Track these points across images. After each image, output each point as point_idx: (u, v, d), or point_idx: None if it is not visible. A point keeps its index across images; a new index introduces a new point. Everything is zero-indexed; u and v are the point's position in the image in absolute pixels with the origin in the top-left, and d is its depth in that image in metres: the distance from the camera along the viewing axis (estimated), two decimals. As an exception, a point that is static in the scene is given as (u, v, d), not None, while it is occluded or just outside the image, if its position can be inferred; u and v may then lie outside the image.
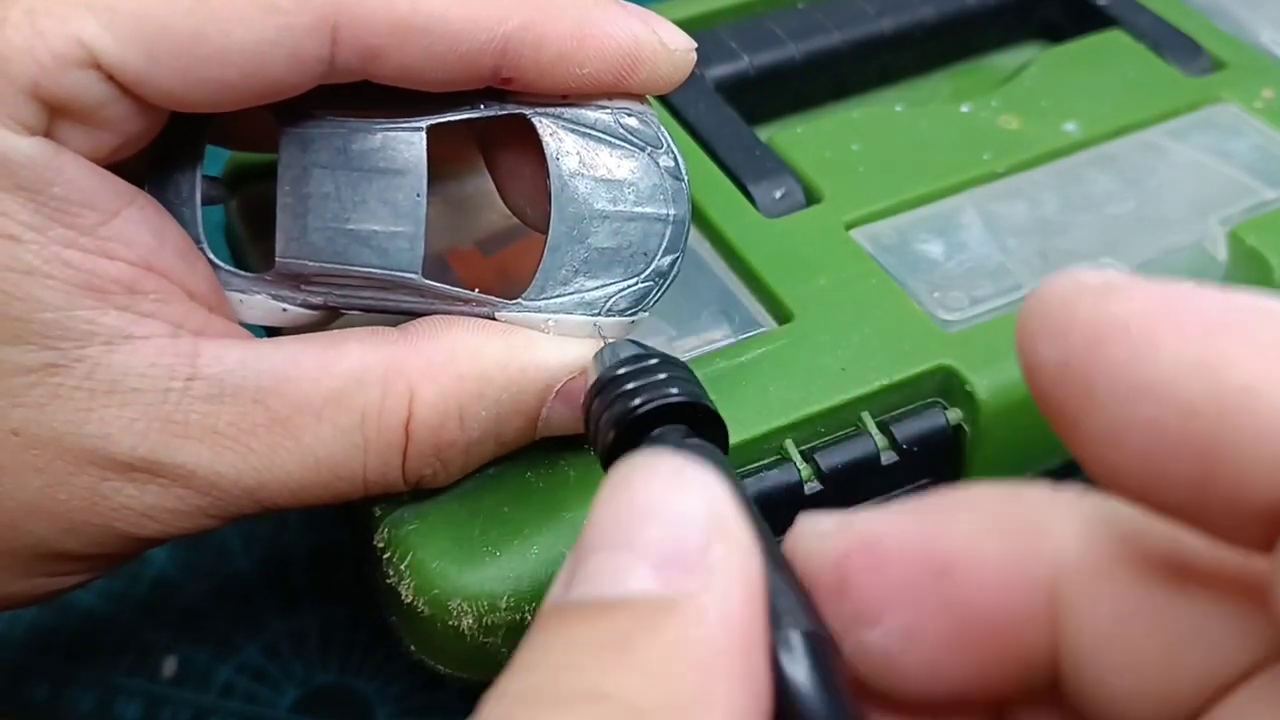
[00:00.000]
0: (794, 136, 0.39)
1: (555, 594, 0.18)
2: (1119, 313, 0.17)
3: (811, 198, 0.38)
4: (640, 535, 0.18)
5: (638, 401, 0.24)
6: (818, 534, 0.20)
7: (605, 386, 0.25)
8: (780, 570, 0.20)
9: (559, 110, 0.29)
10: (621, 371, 0.25)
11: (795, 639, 0.18)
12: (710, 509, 0.18)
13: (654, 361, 0.25)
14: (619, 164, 0.29)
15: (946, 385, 0.33)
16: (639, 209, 0.29)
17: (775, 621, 0.18)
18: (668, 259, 0.29)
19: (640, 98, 0.29)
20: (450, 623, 0.29)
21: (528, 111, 0.29)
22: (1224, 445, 0.16)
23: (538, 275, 0.29)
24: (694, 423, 0.24)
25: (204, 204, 0.30)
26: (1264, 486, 0.16)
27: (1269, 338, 0.16)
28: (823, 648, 0.18)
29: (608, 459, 0.24)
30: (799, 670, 0.18)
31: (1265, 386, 0.16)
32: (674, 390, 0.24)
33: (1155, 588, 0.18)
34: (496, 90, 0.29)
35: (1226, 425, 0.16)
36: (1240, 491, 0.16)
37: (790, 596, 0.19)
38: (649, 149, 0.29)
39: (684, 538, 0.17)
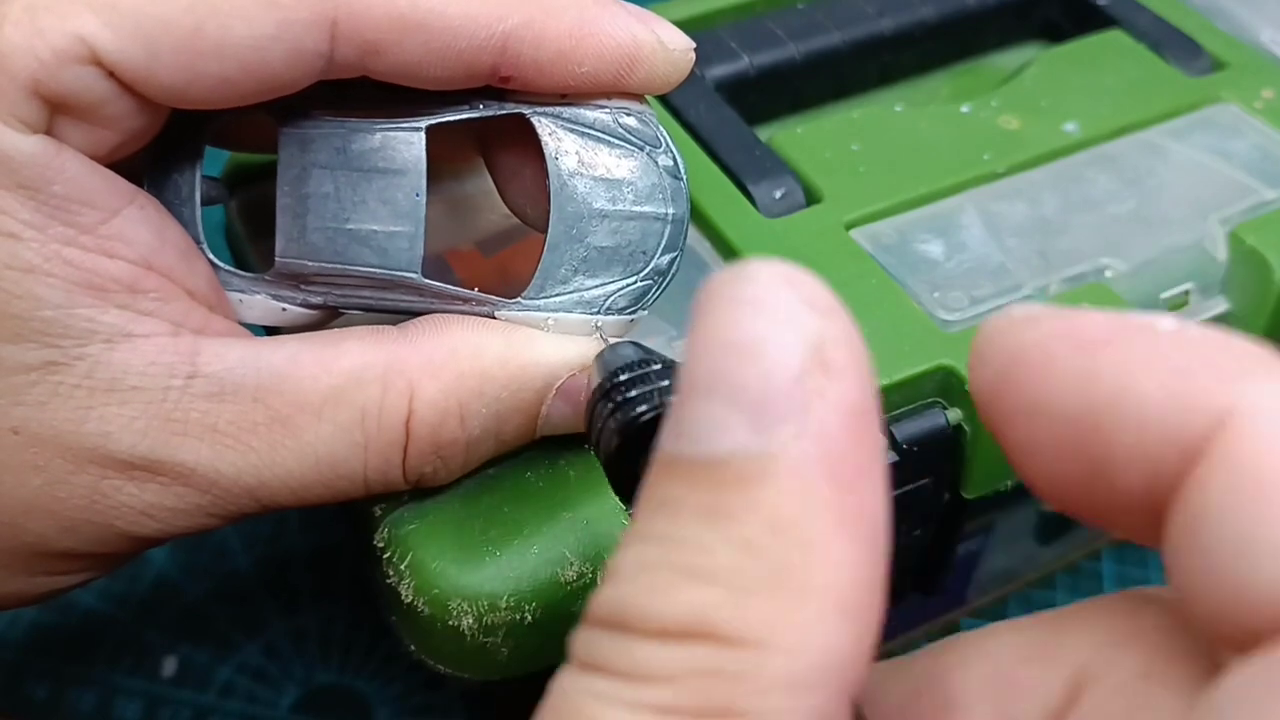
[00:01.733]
0: (794, 136, 0.39)
1: (662, 444, 0.18)
2: (1026, 339, 0.19)
3: (811, 198, 0.38)
4: (730, 376, 0.17)
5: (643, 409, 0.24)
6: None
7: (608, 392, 0.25)
8: None
9: (558, 110, 0.29)
10: (624, 377, 0.25)
11: None
12: (807, 343, 0.17)
13: (657, 367, 0.25)
14: (618, 163, 0.29)
15: (946, 385, 0.33)
16: (638, 208, 0.29)
17: None
18: (666, 258, 0.29)
19: (639, 97, 0.29)
20: (450, 623, 0.29)
21: (526, 111, 0.29)
22: (1101, 445, 0.18)
23: (537, 274, 0.29)
24: None
25: (204, 204, 0.30)
26: (1137, 476, 0.17)
27: (1139, 347, 0.18)
28: None
29: (611, 466, 0.24)
30: None
31: (1132, 388, 0.17)
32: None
33: None
34: (495, 90, 0.29)
35: (1101, 427, 0.18)
36: (1123, 487, 0.18)
37: None
38: (648, 148, 0.29)
39: (775, 379, 0.17)
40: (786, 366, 0.17)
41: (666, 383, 0.25)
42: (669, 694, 0.16)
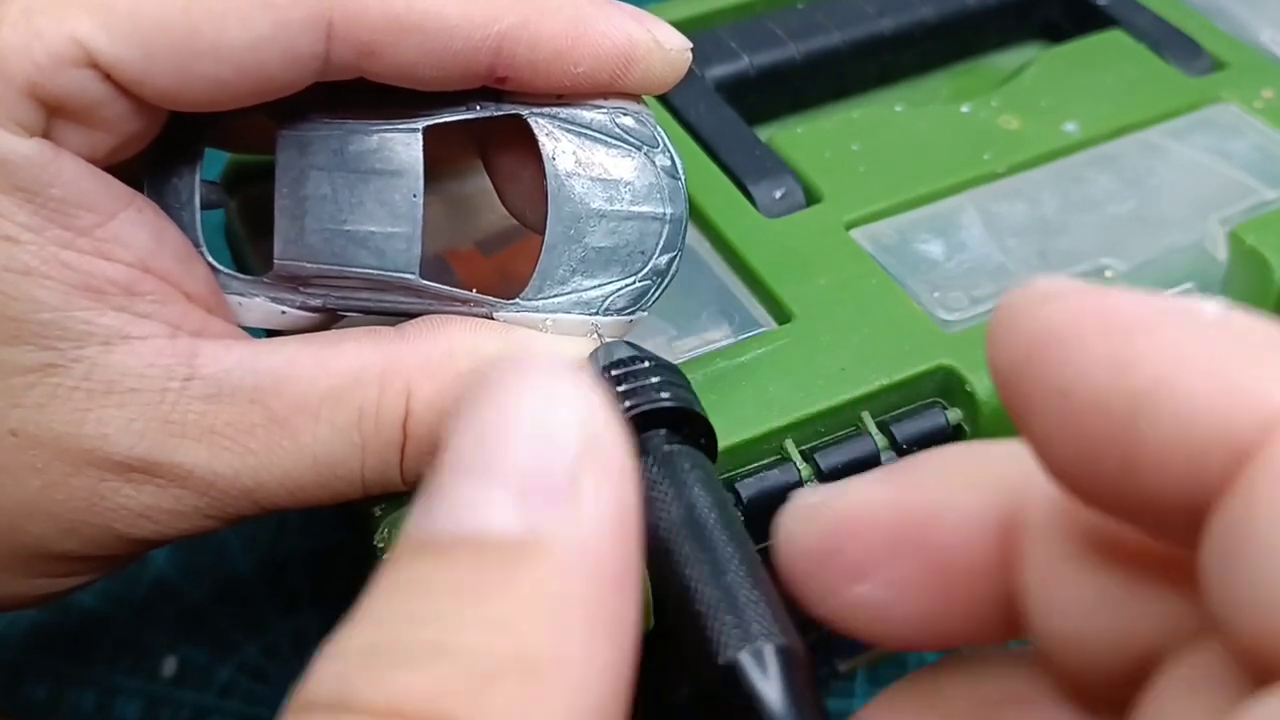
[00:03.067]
0: (794, 136, 0.39)
1: (411, 525, 0.16)
2: (1052, 318, 0.17)
3: (811, 198, 0.38)
4: (502, 458, 0.16)
5: (628, 405, 0.24)
6: (809, 505, 0.20)
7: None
8: (756, 582, 0.20)
9: (555, 110, 0.29)
10: (615, 374, 0.25)
11: (768, 653, 0.18)
12: (583, 428, 0.16)
13: (646, 365, 0.25)
14: (615, 163, 0.29)
15: (946, 385, 0.32)
16: (635, 208, 0.29)
17: (747, 633, 0.19)
18: (665, 258, 0.29)
19: (636, 97, 0.29)
20: (449, 623, 0.29)
21: (523, 111, 0.29)
22: (1137, 439, 0.16)
23: (535, 275, 0.29)
24: (683, 428, 0.24)
25: (203, 208, 0.30)
26: (1176, 478, 0.16)
27: (1181, 335, 0.16)
28: (795, 661, 0.18)
29: None
30: (770, 684, 0.18)
31: (1173, 380, 0.16)
32: (665, 395, 0.24)
33: (1095, 548, 0.18)
34: (492, 91, 0.29)
35: (1137, 420, 0.16)
36: (1156, 486, 0.16)
37: (763, 608, 0.19)
38: (645, 148, 0.29)
39: (550, 464, 0.16)
40: (563, 453, 0.16)
41: (657, 379, 0.25)
42: None
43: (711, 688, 0.18)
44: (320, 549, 0.44)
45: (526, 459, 0.16)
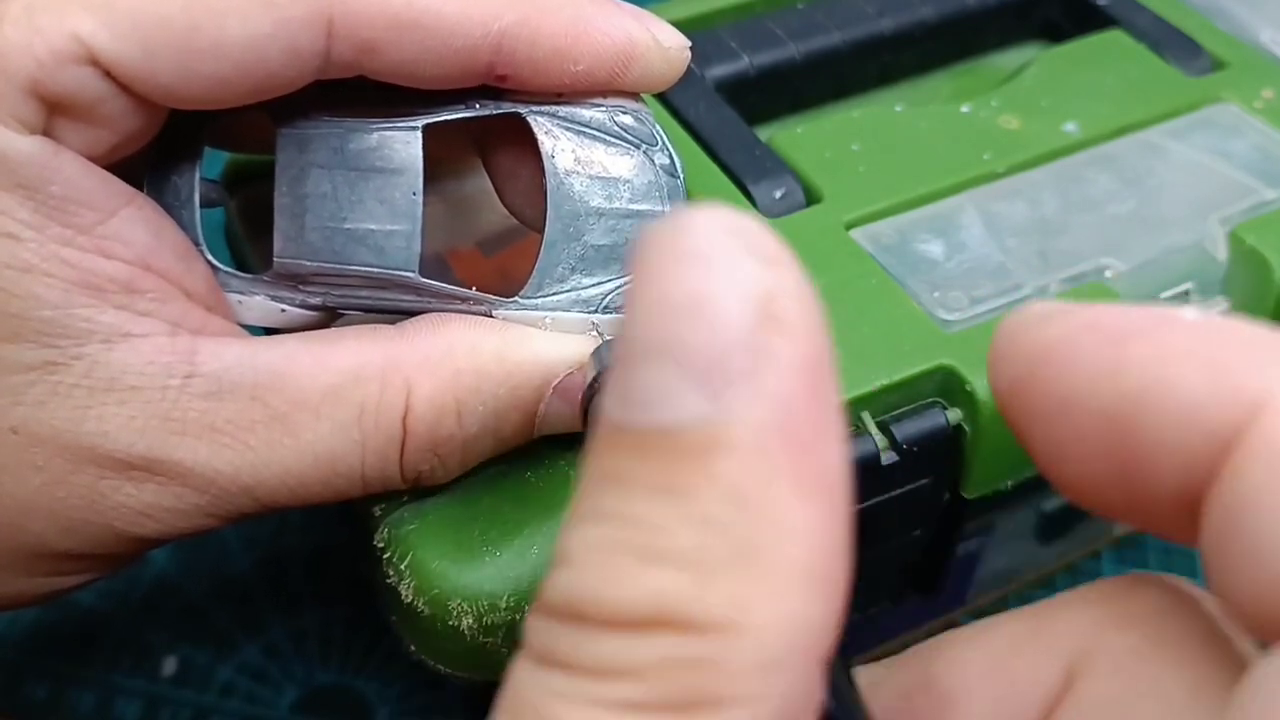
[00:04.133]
0: (794, 136, 0.39)
1: (606, 405, 0.16)
2: (1049, 336, 0.18)
3: (811, 198, 0.37)
4: (676, 339, 0.16)
5: None
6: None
7: (604, 386, 0.25)
8: None
9: (554, 108, 0.29)
10: None
11: None
12: (753, 288, 0.16)
13: None
14: (614, 162, 0.29)
15: (946, 385, 0.32)
16: (634, 206, 0.29)
17: None
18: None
19: (635, 96, 0.29)
20: (450, 623, 0.29)
21: (523, 110, 0.29)
22: (1133, 442, 0.17)
23: (534, 273, 0.29)
24: None
25: (203, 206, 0.30)
26: (1174, 472, 0.17)
27: (1168, 339, 0.17)
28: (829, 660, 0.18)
29: None
30: None
31: (1163, 381, 0.17)
32: None
33: None
34: (492, 89, 0.29)
35: (1133, 423, 0.17)
36: (1157, 482, 0.17)
37: None
38: (644, 146, 0.29)
39: (725, 336, 0.15)
40: (734, 324, 0.16)
41: None
42: (637, 689, 0.15)
43: None
44: (321, 548, 0.44)
45: (700, 339, 0.16)
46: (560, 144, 0.29)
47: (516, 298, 0.29)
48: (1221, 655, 0.18)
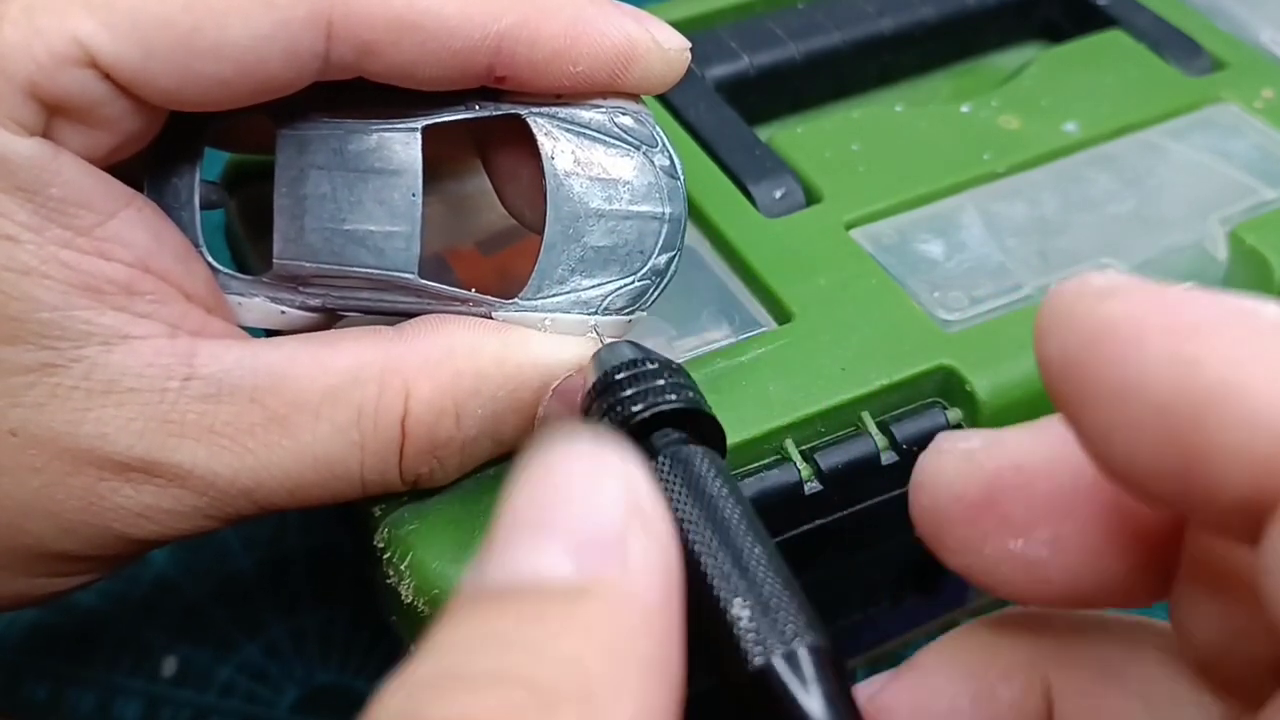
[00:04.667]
0: (794, 136, 0.39)
1: (469, 578, 0.17)
2: (1112, 314, 0.17)
3: (811, 198, 0.38)
4: (558, 518, 0.17)
5: (638, 408, 0.24)
6: (964, 450, 0.20)
7: (604, 391, 0.25)
8: (782, 581, 0.20)
9: (554, 110, 0.29)
10: (620, 376, 0.25)
11: (802, 654, 0.18)
12: (629, 496, 0.17)
13: (653, 366, 0.25)
14: (614, 163, 0.29)
15: (946, 385, 0.32)
16: (634, 207, 0.29)
17: (779, 635, 0.18)
18: (664, 257, 0.29)
19: (635, 97, 0.29)
20: (450, 623, 0.29)
21: (522, 111, 0.29)
22: (1200, 440, 0.16)
23: (534, 274, 0.29)
24: (692, 428, 0.24)
25: (203, 208, 0.30)
26: (1238, 480, 0.16)
27: (1246, 337, 0.16)
28: (828, 660, 0.18)
29: None
30: (807, 690, 0.18)
31: (1239, 383, 0.16)
32: (672, 396, 0.24)
33: None
34: (491, 90, 0.29)
35: (1201, 421, 0.16)
36: (1218, 485, 0.16)
37: (793, 609, 0.19)
38: (644, 148, 0.29)
39: (602, 523, 0.17)
40: (615, 515, 0.17)
41: (662, 381, 0.25)
42: None
43: (744, 691, 0.18)
44: (320, 549, 0.44)
45: (579, 519, 0.17)
46: (560, 145, 0.29)
47: (516, 299, 0.29)
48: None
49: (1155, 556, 0.19)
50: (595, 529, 0.17)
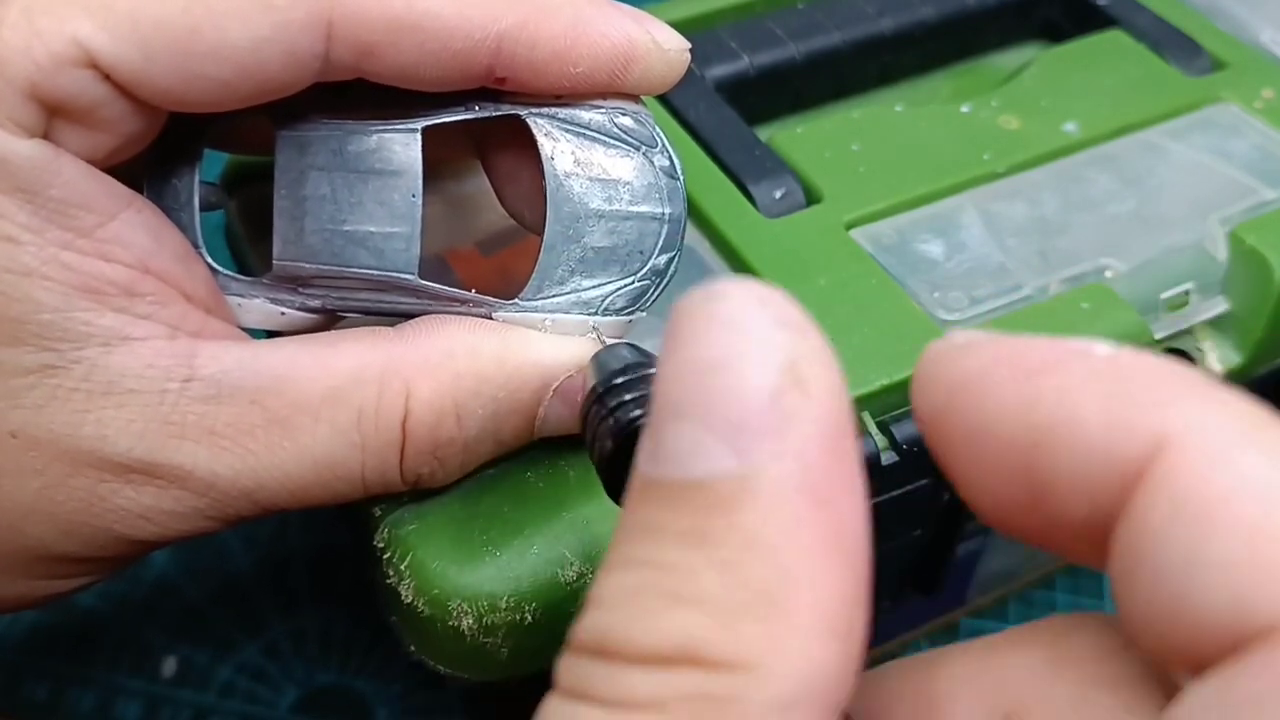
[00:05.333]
0: (794, 136, 0.39)
1: (642, 460, 0.18)
2: (966, 366, 0.19)
3: (811, 198, 0.38)
4: (707, 400, 0.17)
5: (638, 413, 0.24)
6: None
7: (603, 394, 0.25)
8: None
9: (554, 110, 0.29)
10: (619, 380, 0.25)
11: None
12: (778, 352, 0.17)
13: (652, 370, 0.25)
14: (614, 163, 0.29)
15: (946, 385, 0.32)
16: (634, 208, 0.29)
17: None
18: (664, 258, 0.29)
19: (635, 97, 0.29)
20: (450, 623, 0.29)
21: (522, 112, 0.29)
22: (1041, 474, 0.18)
23: (534, 275, 0.29)
24: None
25: (202, 209, 0.30)
26: (1078, 504, 0.18)
27: (1078, 373, 0.18)
28: None
29: (605, 469, 0.24)
30: None
31: (1069, 414, 0.17)
32: None
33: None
34: (491, 91, 0.29)
35: (1041, 453, 0.18)
36: (1064, 513, 0.18)
37: None
38: (644, 148, 0.29)
39: (751, 395, 0.17)
40: (761, 386, 0.17)
41: None
42: None
43: None
44: (321, 548, 0.44)
45: (728, 398, 0.17)
46: (560, 146, 0.29)
47: (516, 300, 0.29)
48: (1161, 694, 0.18)
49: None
50: (745, 406, 0.17)
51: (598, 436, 0.24)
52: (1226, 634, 0.16)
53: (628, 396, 0.24)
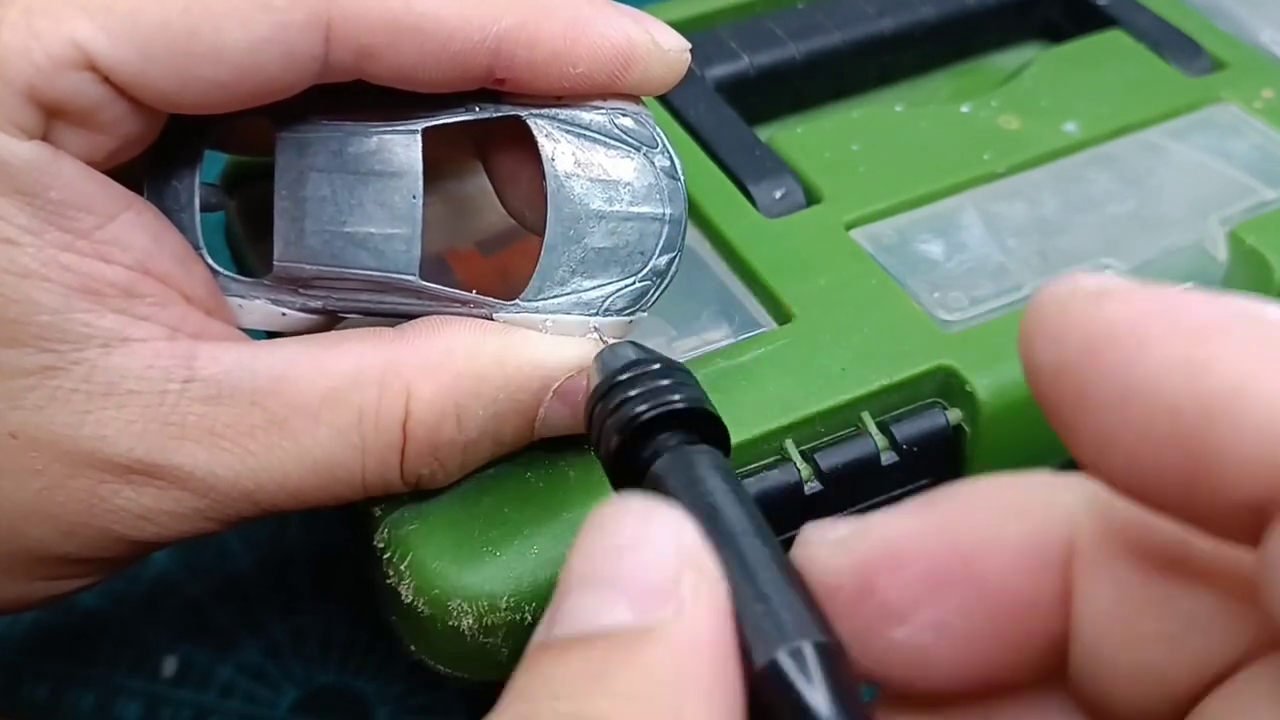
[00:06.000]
0: (794, 136, 0.39)
1: (539, 633, 0.19)
2: (1112, 317, 0.17)
3: (811, 198, 0.38)
4: (615, 571, 0.18)
5: (642, 408, 0.24)
6: (833, 541, 0.20)
7: (608, 392, 0.25)
8: (788, 579, 0.20)
9: (554, 111, 0.29)
10: (624, 377, 0.25)
11: (807, 651, 0.18)
12: (679, 543, 0.19)
13: (656, 366, 0.25)
14: (614, 164, 0.29)
15: (946, 385, 0.33)
16: (635, 209, 0.29)
17: (783, 633, 0.18)
18: (665, 258, 0.29)
19: (635, 98, 0.29)
20: (450, 623, 0.29)
21: (522, 113, 0.29)
22: (1210, 445, 0.16)
23: (535, 276, 0.29)
24: (696, 428, 0.24)
25: (203, 210, 0.30)
26: (1248, 484, 0.16)
27: (1256, 340, 0.16)
28: (834, 658, 0.18)
29: (612, 464, 0.24)
30: (813, 686, 0.18)
31: (1249, 387, 0.16)
32: (676, 396, 0.24)
33: (1154, 574, 0.18)
34: (491, 92, 0.29)
35: (1211, 425, 0.16)
36: (1226, 489, 0.16)
37: (799, 607, 0.19)
38: (644, 149, 0.29)
39: (656, 571, 0.18)
40: (666, 561, 0.18)
41: (666, 381, 0.25)
42: None
43: (751, 688, 0.18)
44: (321, 548, 0.44)
45: (635, 570, 0.18)
46: (560, 147, 0.29)
47: (517, 300, 0.29)
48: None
49: (1044, 629, 0.19)
50: (650, 578, 0.18)
51: (603, 433, 0.24)
52: None
53: (632, 393, 0.24)
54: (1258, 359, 0.16)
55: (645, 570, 0.18)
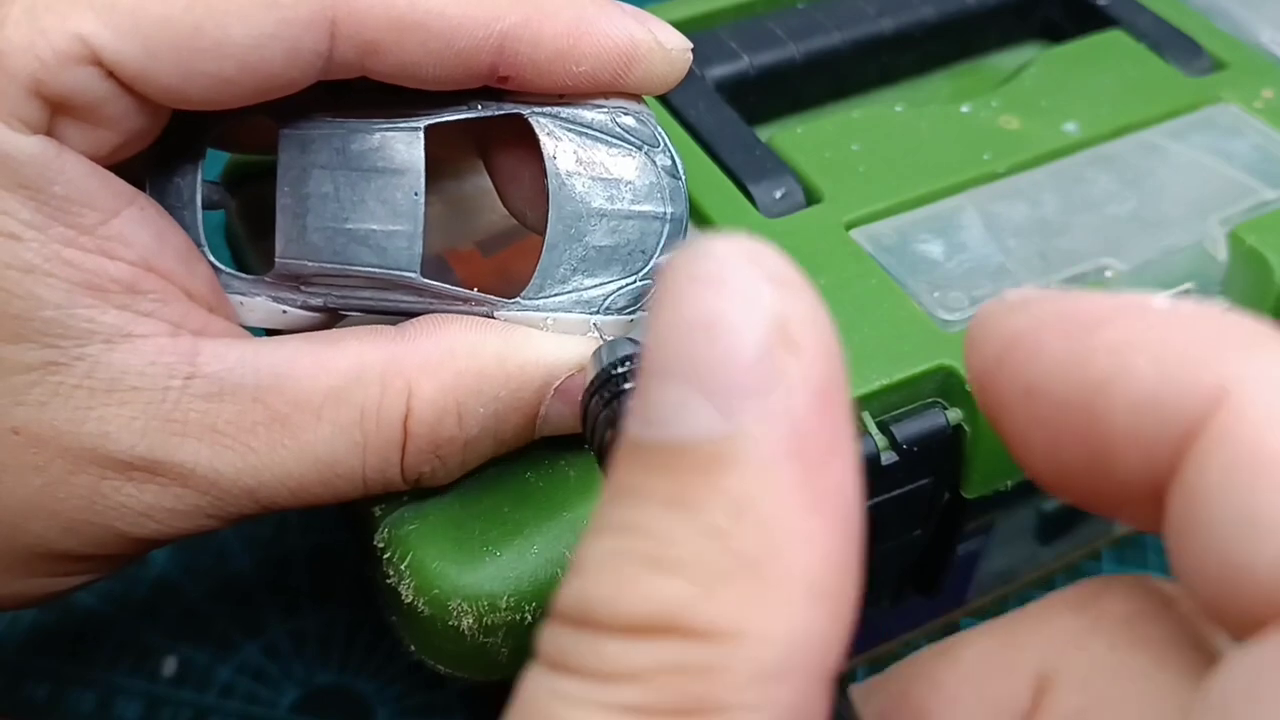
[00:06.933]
0: (794, 136, 0.39)
1: (627, 425, 0.17)
2: (1016, 326, 0.18)
3: (811, 198, 0.38)
4: (692, 358, 0.16)
5: None
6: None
7: (602, 385, 0.25)
8: None
9: (556, 110, 0.29)
10: (619, 370, 0.25)
11: None
12: (765, 311, 0.16)
13: None
14: (616, 163, 0.29)
15: (946, 385, 0.33)
16: (636, 207, 0.29)
17: None
18: (666, 257, 0.29)
19: (637, 97, 0.29)
20: (450, 623, 0.29)
21: (525, 111, 0.29)
22: (1097, 431, 0.17)
23: (536, 274, 0.29)
24: None
25: (205, 208, 0.30)
26: (1138, 462, 0.17)
27: (1133, 326, 0.17)
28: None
29: (606, 460, 0.24)
30: None
31: (1124, 367, 0.17)
32: None
33: None
34: (494, 90, 0.29)
35: (1097, 413, 0.17)
36: (1121, 472, 0.17)
37: None
38: (646, 148, 0.29)
39: (739, 352, 0.16)
40: (748, 345, 0.16)
41: None
42: (640, 693, 0.16)
43: None
44: (321, 548, 0.44)
45: (714, 358, 0.16)
46: (562, 145, 0.29)
47: (518, 299, 0.29)
48: (1194, 655, 0.18)
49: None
50: (730, 366, 0.16)
51: (598, 427, 0.24)
52: (1277, 596, 0.15)
53: (628, 386, 0.24)
54: (1132, 342, 0.17)
55: (727, 357, 0.16)
